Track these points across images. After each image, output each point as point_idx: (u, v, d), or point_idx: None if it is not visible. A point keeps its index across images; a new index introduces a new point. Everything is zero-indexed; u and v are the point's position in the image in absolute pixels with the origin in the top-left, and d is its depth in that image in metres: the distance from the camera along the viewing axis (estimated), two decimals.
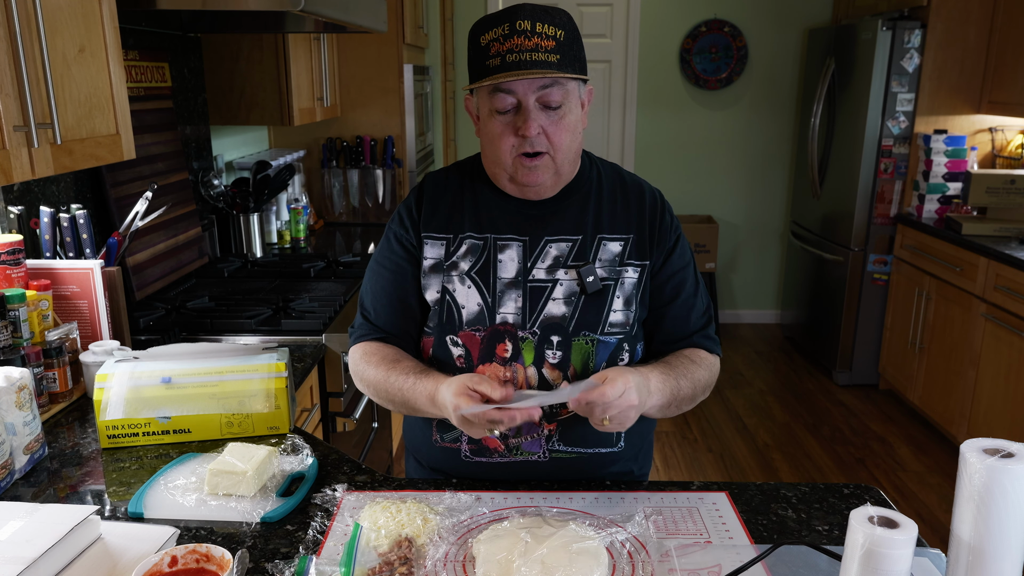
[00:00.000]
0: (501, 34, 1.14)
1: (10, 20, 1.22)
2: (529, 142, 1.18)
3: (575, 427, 1.26)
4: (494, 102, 1.18)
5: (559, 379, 1.24)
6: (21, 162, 1.27)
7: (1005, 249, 3.06)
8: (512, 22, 1.14)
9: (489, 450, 1.27)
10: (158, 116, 2.38)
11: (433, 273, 1.28)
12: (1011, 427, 2.97)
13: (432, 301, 1.28)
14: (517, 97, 1.17)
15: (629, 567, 1.00)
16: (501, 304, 1.25)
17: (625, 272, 1.27)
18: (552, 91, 1.17)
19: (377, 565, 0.99)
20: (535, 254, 1.26)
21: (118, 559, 0.98)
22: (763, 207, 5.01)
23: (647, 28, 4.73)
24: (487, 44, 1.16)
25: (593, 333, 1.24)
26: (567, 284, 1.25)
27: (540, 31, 1.14)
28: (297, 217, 3.19)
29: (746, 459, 3.39)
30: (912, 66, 3.69)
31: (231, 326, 1.97)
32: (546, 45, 1.14)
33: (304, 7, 1.74)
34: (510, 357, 1.24)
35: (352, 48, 3.45)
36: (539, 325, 1.24)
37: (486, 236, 1.28)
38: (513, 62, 1.13)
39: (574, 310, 1.24)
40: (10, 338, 1.43)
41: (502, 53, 1.14)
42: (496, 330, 1.25)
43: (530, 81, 1.15)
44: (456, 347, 1.26)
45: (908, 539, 0.80)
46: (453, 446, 1.29)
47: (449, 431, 1.29)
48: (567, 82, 1.18)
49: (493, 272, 1.26)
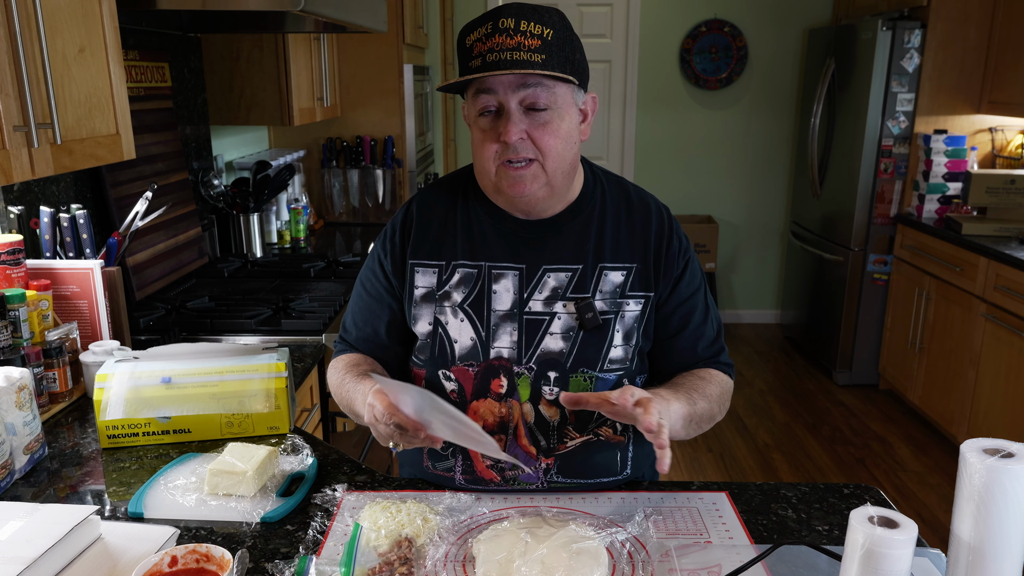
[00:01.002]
0: (484, 33, 1.08)
1: (10, 20, 1.22)
2: (512, 148, 1.11)
3: (574, 460, 1.21)
4: (476, 105, 1.12)
5: (556, 415, 1.20)
6: (21, 162, 1.27)
7: (1005, 249, 3.06)
8: (495, 20, 1.08)
9: (484, 481, 1.22)
10: (158, 116, 2.38)
11: (424, 303, 1.22)
12: (1011, 427, 2.97)
13: (424, 334, 1.22)
14: (498, 99, 1.10)
15: (629, 567, 1.00)
16: (495, 338, 1.19)
17: (626, 304, 1.20)
18: (536, 92, 1.09)
19: (377, 565, 0.99)
20: (532, 284, 1.20)
21: (118, 559, 0.98)
22: (763, 207, 5.01)
23: (647, 28, 4.74)
24: (471, 45, 1.10)
25: (592, 370, 1.19)
26: (565, 318, 1.19)
27: (524, 29, 1.07)
28: (297, 217, 3.19)
29: (746, 459, 3.39)
30: (912, 66, 3.69)
31: (231, 326, 1.97)
32: (530, 44, 1.07)
33: (304, 7, 1.74)
34: (505, 393, 1.19)
35: (352, 48, 3.45)
36: (535, 360, 1.19)
37: (480, 264, 1.21)
38: (493, 61, 1.07)
39: (572, 345, 1.18)
40: (10, 338, 1.43)
41: (483, 53, 1.08)
42: (490, 365, 1.19)
43: (510, 80, 1.08)
44: (449, 381, 1.21)
45: (908, 539, 0.80)
46: (447, 475, 1.24)
47: (441, 461, 1.25)
48: (555, 84, 1.11)
49: (487, 304, 1.20)
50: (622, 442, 1.24)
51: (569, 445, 1.21)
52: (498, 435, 1.20)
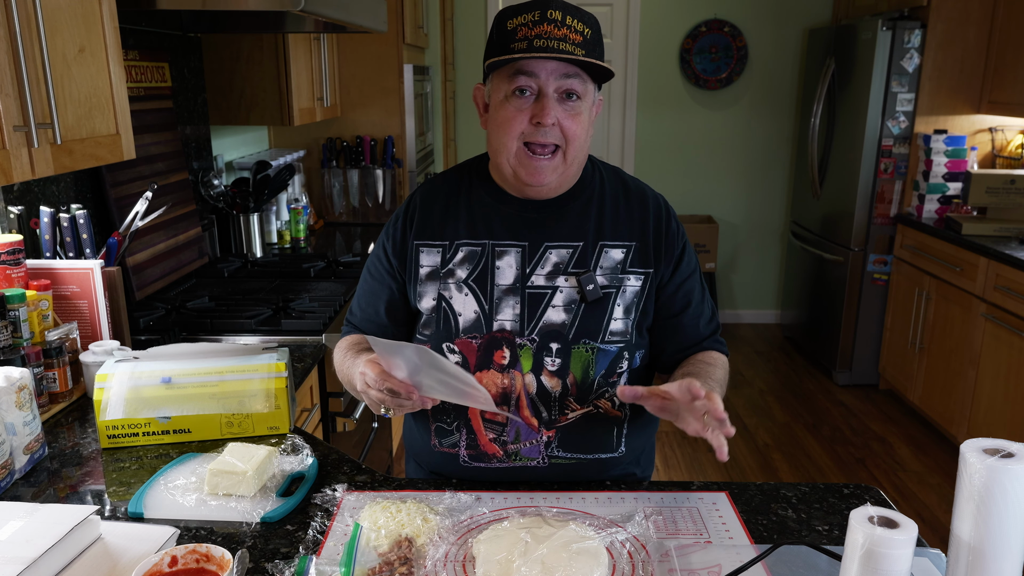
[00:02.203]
0: (531, 20, 1.13)
1: (10, 20, 1.22)
2: (543, 131, 1.16)
3: (574, 433, 1.25)
4: (514, 84, 1.16)
5: (558, 386, 1.23)
6: (21, 162, 1.27)
7: (1005, 249, 3.06)
8: (544, 10, 1.14)
9: (488, 456, 1.26)
10: (158, 116, 2.38)
11: (429, 281, 1.27)
12: (1011, 427, 2.97)
13: (428, 309, 1.26)
14: (539, 83, 1.15)
15: (629, 567, 1.00)
16: (498, 311, 1.24)
17: (627, 280, 1.25)
18: (574, 81, 1.16)
19: (377, 565, 0.99)
20: (535, 260, 1.24)
21: (118, 559, 0.98)
22: (763, 207, 5.02)
23: (647, 28, 4.73)
24: (515, 28, 1.14)
25: (593, 341, 1.23)
26: (567, 291, 1.23)
27: (570, 24, 1.14)
28: (297, 217, 3.19)
29: (746, 459, 3.39)
30: (912, 66, 3.69)
31: (231, 326, 1.97)
32: (574, 38, 1.13)
33: (304, 7, 1.74)
34: (508, 364, 1.23)
35: (352, 48, 3.45)
36: (538, 332, 1.23)
37: (483, 242, 1.26)
38: (541, 47, 1.12)
39: (574, 317, 1.23)
40: (10, 338, 1.43)
41: (530, 37, 1.13)
42: (494, 337, 1.23)
43: (556, 66, 1.14)
44: (453, 354, 1.25)
45: (908, 539, 0.80)
46: (452, 451, 1.28)
47: (447, 437, 1.28)
48: (587, 81, 1.18)
49: (491, 279, 1.25)
50: (619, 417, 1.28)
51: (570, 417, 1.24)
52: (501, 406, 1.23)
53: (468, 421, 1.26)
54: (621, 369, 1.25)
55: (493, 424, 1.25)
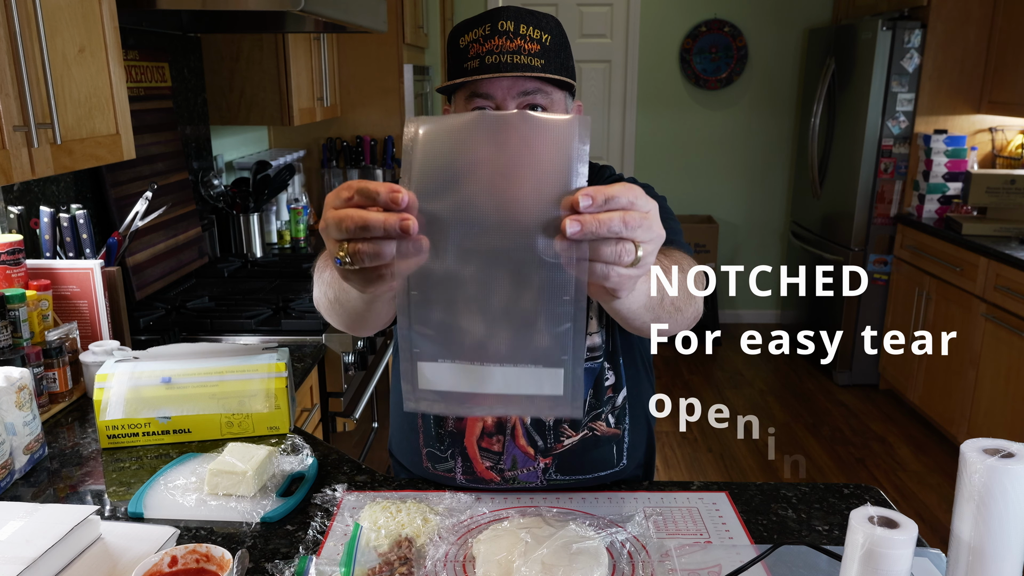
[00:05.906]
0: (481, 35, 1.06)
1: (10, 20, 1.22)
2: None
3: (572, 458, 1.21)
4: (471, 106, 1.08)
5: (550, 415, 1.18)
6: (21, 162, 1.27)
7: (1005, 249, 3.06)
8: (494, 23, 1.06)
9: (484, 481, 1.22)
10: (158, 116, 2.38)
11: None
12: (1011, 427, 2.97)
13: None
14: (496, 103, 1.07)
15: (629, 567, 1.00)
16: None
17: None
18: (536, 97, 1.08)
19: (377, 565, 0.99)
20: None
21: (118, 559, 0.98)
22: (763, 207, 5.01)
23: (647, 28, 4.73)
24: (466, 46, 1.07)
25: None
26: None
27: (524, 33, 1.05)
28: (297, 217, 3.19)
29: (746, 459, 3.39)
30: (912, 66, 3.69)
31: (231, 326, 1.97)
32: (530, 48, 1.05)
33: (304, 7, 1.74)
34: None
35: (352, 48, 3.44)
36: None
37: None
38: (492, 64, 1.04)
39: None
40: (10, 338, 1.43)
41: (481, 55, 1.05)
42: None
43: (511, 83, 1.06)
44: None
45: (908, 539, 0.80)
46: (447, 475, 1.24)
47: (441, 463, 1.24)
48: (553, 90, 1.09)
49: None
50: (617, 435, 1.24)
51: (566, 444, 1.21)
52: (496, 436, 1.21)
53: (464, 449, 1.22)
54: (608, 381, 1.21)
55: (489, 452, 1.22)
